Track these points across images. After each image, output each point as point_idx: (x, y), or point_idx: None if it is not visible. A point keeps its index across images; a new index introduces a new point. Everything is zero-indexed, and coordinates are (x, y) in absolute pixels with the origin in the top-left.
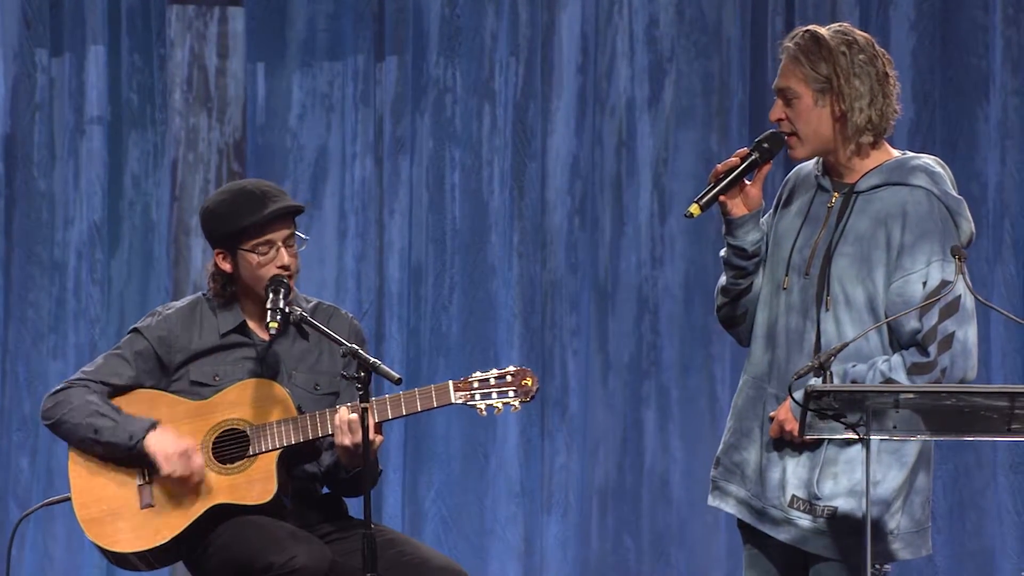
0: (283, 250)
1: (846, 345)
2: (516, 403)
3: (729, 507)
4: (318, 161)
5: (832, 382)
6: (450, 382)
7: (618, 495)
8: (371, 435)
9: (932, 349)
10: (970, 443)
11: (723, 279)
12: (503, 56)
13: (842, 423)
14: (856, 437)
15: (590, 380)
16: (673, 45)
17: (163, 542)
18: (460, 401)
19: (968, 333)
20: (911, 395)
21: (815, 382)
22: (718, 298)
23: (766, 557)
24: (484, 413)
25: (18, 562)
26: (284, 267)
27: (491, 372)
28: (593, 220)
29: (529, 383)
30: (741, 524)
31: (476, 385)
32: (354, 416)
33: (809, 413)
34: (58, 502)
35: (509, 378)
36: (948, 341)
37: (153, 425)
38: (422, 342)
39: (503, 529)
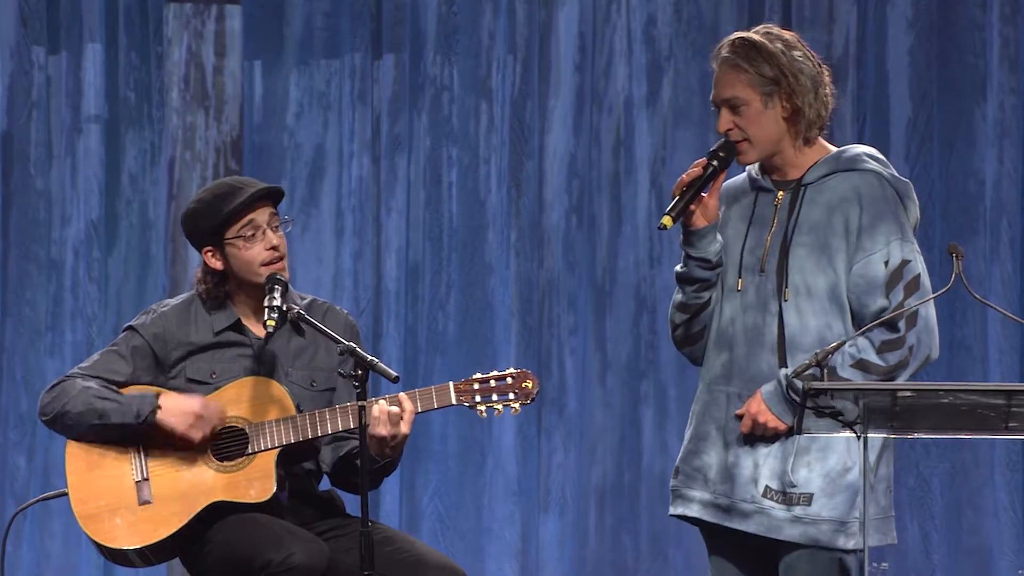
0: (269, 232)
1: (844, 343)
2: (516, 405)
3: (692, 511)
4: (315, 159)
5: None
6: (450, 383)
7: (616, 494)
8: (408, 430)
9: (901, 325)
10: (967, 441)
11: (679, 296)
12: (500, 54)
13: (839, 421)
14: (853, 435)
15: (587, 379)
16: (671, 44)
17: (160, 539)
18: (460, 403)
19: (930, 311)
20: (908, 393)
21: (786, 374)
22: (676, 316)
23: (732, 563)
24: (484, 415)
25: (15, 559)
26: (273, 248)
27: (492, 374)
28: (591, 219)
29: (529, 386)
30: (705, 531)
31: (476, 387)
32: (394, 409)
33: (805, 411)
34: (55, 497)
35: (510, 380)
36: (914, 318)
37: (156, 396)
38: (419, 340)
39: (500, 528)
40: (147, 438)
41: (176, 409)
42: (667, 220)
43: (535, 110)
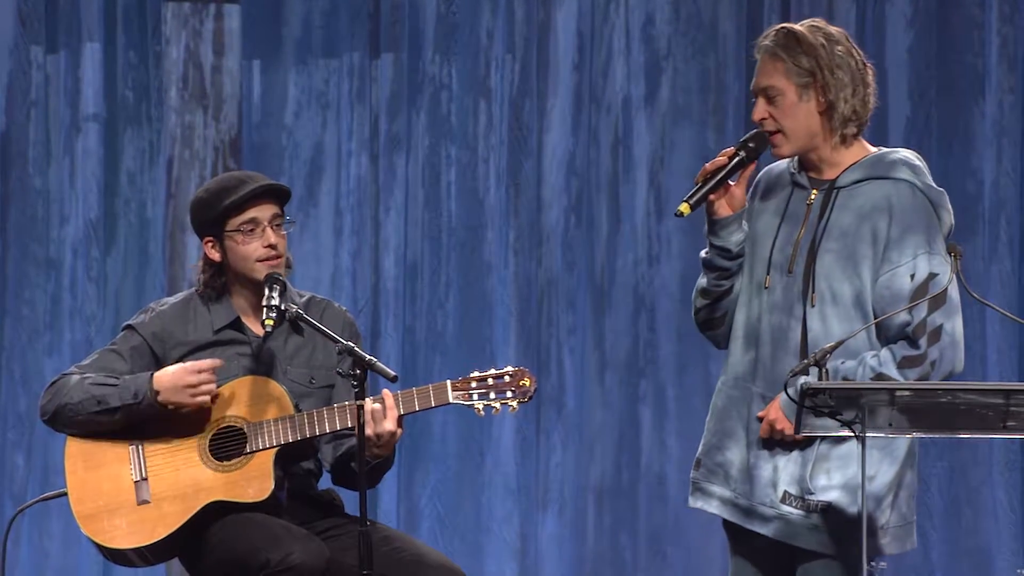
0: (268, 230)
1: (842, 342)
2: (514, 403)
3: (712, 507)
4: (314, 158)
5: (828, 379)
6: (448, 382)
7: (614, 493)
8: (394, 427)
9: (922, 342)
10: (966, 440)
11: (703, 281)
12: (499, 53)
13: (838, 420)
14: (851, 434)
15: (586, 378)
16: (669, 43)
17: (159, 539)
18: (458, 401)
19: (956, 325)
20: (906, 392)
21: (807, 380)
22: (697, 300)
23: (752, 563)
24: (482, 413)
25: (14, 558)
26: (271, 246)
27: (489, 372)
28: (589, 218)
29: (527, 383)
30: (727, 528)
31: (474, 385)
32: (376, 406)
33: (804, 410)
34: (54, 497)
35: (507, 378)
36: (937, 333)
37: (151, 377)
38: (418, 340)
39: (499, 527)
40: (146, 432)
41: (173, 386)
42: (684, 207)
43: (534, 109)
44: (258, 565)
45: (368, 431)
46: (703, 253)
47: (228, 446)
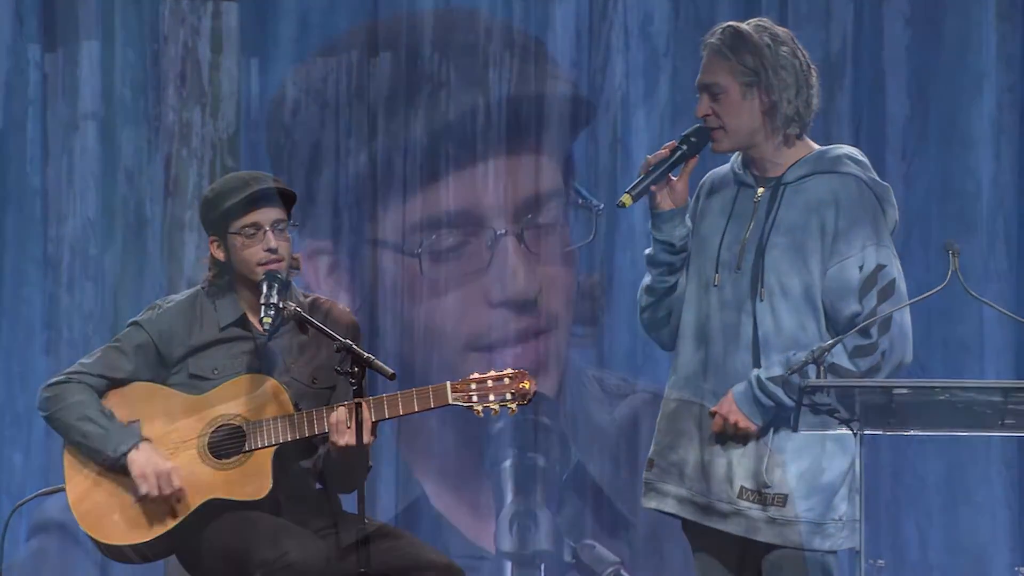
0: (270, 233)
1: (839, 341)
2: (513, 405)
3: (668, 507)
4: (312, 157)
5: (825, 376)
6: (448, 383)
7: (613, 491)
8: (350, 439)
9: (874, 331)
10: (964, 438)
11: (647, 279)
12: (498, 51)
13: (836, 418)
14: (842, 432)
15: (585, 377)
16: (668, 41)
17: (157, 536)
18: (457, 403)
19: (904, 316)
20: (905, 390)
21: (759, 372)
22: (642, 299)
23: (717, 559)
24: (481, 415)
25: (12, 556)
26: (271, 250)
27: (489, 374)
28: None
29: (526, 386)
30: (687, 528)
31: (473, 387)
32: (336, 418)
33: (801, 408)
34: (53, 492)
35: (507, 380)
36: (887, 324)
37: (138, 443)
38: (416, 338)
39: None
40: (145, 430)
41: (146, 457)
42: (626, 199)
43: (532, 107)
44: (256, 563)
45: (340, 441)
46: (647, 250)
47: (227, 444)
